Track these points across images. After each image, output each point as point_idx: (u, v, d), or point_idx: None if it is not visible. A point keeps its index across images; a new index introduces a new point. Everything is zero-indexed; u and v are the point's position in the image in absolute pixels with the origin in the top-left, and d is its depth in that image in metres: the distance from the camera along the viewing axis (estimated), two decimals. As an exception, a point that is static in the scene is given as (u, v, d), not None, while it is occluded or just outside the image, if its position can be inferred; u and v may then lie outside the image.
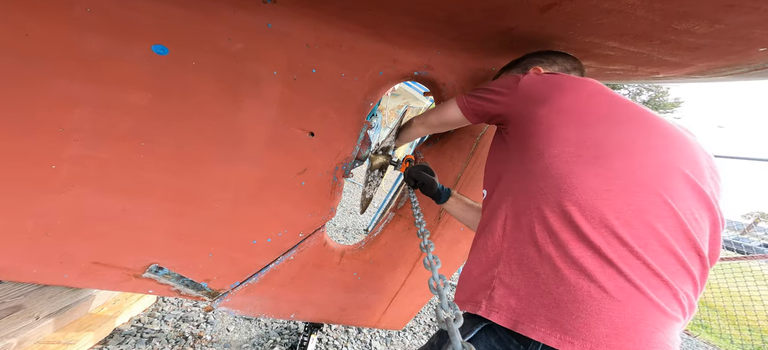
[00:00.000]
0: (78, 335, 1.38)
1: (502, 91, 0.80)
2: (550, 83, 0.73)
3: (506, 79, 0.81)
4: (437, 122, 1.01)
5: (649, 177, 0.57)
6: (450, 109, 0.93)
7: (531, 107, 0.72)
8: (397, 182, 3.47)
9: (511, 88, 0.78)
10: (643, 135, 0.61)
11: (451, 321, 0.45)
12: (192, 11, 0.81)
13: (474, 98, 0.86)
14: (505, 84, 0.80)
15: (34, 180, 0.86)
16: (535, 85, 0.74)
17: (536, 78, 0.76)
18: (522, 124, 0.73)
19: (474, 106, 0.86)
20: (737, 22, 0.68)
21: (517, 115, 0.75)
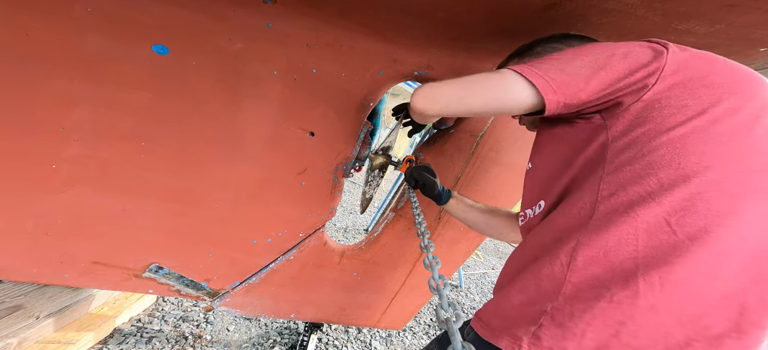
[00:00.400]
0: (78, 335, 1.38)
1: (631, 62, 0.54)
2: (714, 64, 0.53)
3: (632, 46, 0.56)
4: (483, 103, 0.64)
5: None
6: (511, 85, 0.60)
7: (682, 92, 0.51)
8: (397, 182, 3.47)
9: (649, 59, 0.53)
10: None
11: (451, 321, 0.45)
12: (192, 11, 0.81)
13: (563, 73, 0.57)
14: (634, 53, 0.55)
15: (35, 180, 0.86)
16: (690, 61, 0.53)
17: (688, 52, 0.55)
18: (651, 114, 0.52)
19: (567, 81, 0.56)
20: (738, 22, 0.68)
21: (650, 99, 0.53)
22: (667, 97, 0.52)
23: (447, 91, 0.70)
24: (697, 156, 0.48)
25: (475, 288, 3.33)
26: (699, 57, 0.54)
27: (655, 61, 0.53)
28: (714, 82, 0.50)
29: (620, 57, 0.55)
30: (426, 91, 0.72)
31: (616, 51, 0.56)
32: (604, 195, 0.53)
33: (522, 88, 0.59)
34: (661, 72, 0.52)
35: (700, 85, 0.51)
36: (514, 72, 0.60)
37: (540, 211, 0.66)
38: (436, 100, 0.70)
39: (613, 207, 0.51)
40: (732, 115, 0.48)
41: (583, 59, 0.57)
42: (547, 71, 0.57)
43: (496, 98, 0.63)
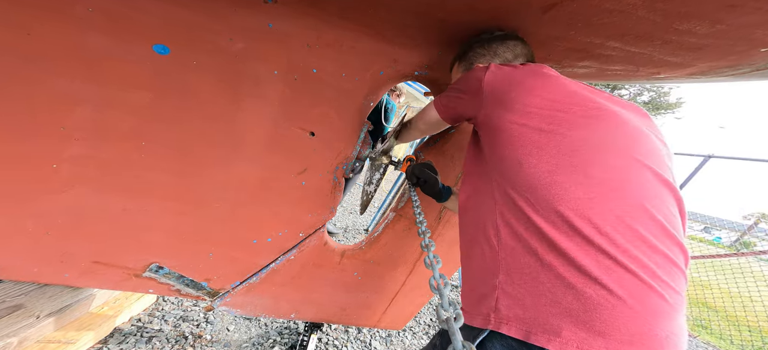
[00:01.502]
0: (78, 334, 1.38)
1: (466, 91, 0.78)
2: (512, 83, 0.70)
3: (470, 77, 0.78)
4: (423, 126, 1.01)
5: (623, 182, 0.57)
6: (429, 110, 0.93)
7: (499, 112, 0.70)
8: (397, 182, 3.47)
9: (475, 90, 0.75)
10: (610, 134, 0.61)
11: (451, 320, 0.45)
12: (193, 11, 0.81)
13: (446, 98, 0.85)
14: (469, 84, 0.77)
15: (35, 180, 0.86)
16: (499, 86, 0.72)
17: (498, 77, 0.72)
18: (493, 130, 0.71)
19: (446, 106, 0.86)
20: (739, 22, 0.68)
21: (486, 119, 0.73)
22: (491, 115, 0.71)
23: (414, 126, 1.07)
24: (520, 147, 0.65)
25: (475, 289, 3.32)
26: (506, 75, 0.72)
27: (477, 93, 0.74)
28: (513, 97, 0.69)
29: (463, 92, 0.80)
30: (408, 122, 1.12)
31: (462, 85, 0.80)
32: (496, 186, 0.68)
33: (433, 112, 0.92)
34: (483, 103, 0.73)
35: (507, 100, 0.69)
36: (432, 103, 0.93)
37: (464, 199, 0.81)
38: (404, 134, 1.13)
39: (504, 192, 0.66)
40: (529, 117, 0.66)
41: (453, 90, 0.83)
42: (442, 100, 0.88)
43: (426, 121, 0.99)
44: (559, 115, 0.64)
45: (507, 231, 0.64)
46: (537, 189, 0.60)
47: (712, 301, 4.60)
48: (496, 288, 0.62)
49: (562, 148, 0.61)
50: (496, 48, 0.86)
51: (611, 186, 0.57)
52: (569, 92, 0.66)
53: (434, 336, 0.88)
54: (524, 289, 0.59)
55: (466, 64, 0.91)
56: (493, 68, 0.73)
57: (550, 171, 0.60)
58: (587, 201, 0.56)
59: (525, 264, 0.60)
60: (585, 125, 0.62)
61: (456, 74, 0.96)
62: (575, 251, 0.55)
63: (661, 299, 0.52)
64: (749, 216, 43.56)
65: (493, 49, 0.86)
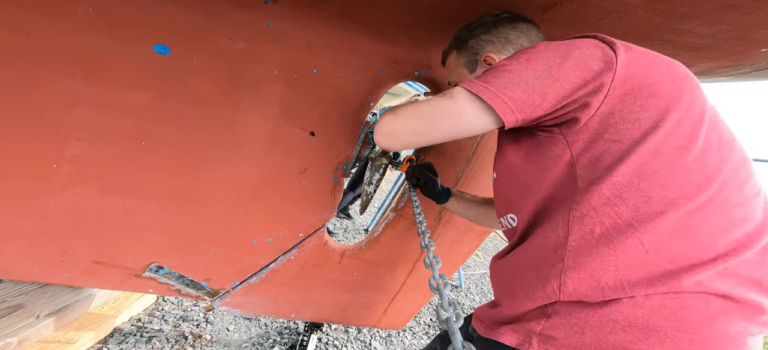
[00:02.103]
0: (78, 334, 1.38)
1: (581, 73, 0.53)
2: (662, 69, 0.54)
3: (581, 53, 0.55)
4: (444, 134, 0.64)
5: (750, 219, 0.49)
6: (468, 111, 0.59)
7: (633, 105, 0.52)
8: (397, 182, 3.47)
9: (599, 69, 0.53)
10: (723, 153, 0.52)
11: (451, 320, 0.45)
12: (193, 11, 0.81)
13: (518, 88, 0.55)
14: (583, 61, 0.54)
15: (36, 179, 0.86)
16: (641, 68, 0.53)
17: (638, 55, 0.55)
18: (608, 128, 0.53)
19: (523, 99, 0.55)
20: (739, 22, 0.68)
21: (604, 112, 0.53)
22: (619, 109, 0.52)
23: (405, 126, 0.66)
24: (651, 174, 0.50)
25: (475, 289, 3.33)
26: (642, 59, 0.54)
27: (607, 71, 0.52)
28: (660, 90, 0.51)
29: (572, 66, 0.54)
30: (385, 128, 0.68)
31: (567, 57, 0.55)
32: (576, 216, 0.53)
33: (476, 110, 0.58)
34: (612, 82, 0.52)
35: (648, 94, 0.51)
36: (468, 92, 0.58)
37: (515, 225, 0.66)
38: (398, 137, 0.67)
39: (588, 229, 0.52)
40: (679, 127, 0.50)
41: (536, 68, 0.55)
42: (503, 88, 0.55)
43: (454, 127, 0.61)
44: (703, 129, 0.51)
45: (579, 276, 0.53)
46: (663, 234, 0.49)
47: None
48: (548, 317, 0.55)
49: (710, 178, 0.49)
50: (507, 33, 0.72)
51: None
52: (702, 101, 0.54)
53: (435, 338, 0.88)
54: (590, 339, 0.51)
55: (469, 54, 0.76)
56: (621, 45, 0.55)
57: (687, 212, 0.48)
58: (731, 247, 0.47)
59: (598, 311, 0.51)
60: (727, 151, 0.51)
61: (455, 67, 0.80)
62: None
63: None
64: (749, 216, 43.28)
65: (503, 34, 0.72)
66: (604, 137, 0.52)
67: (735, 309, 0.46)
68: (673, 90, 0.52)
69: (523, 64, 0.56)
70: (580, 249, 0.52)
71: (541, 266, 0.57)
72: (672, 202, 0.48)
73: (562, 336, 0.53)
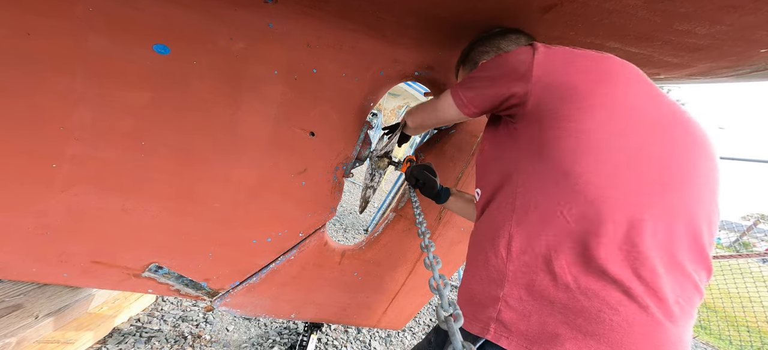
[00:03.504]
0: (77, 334, 1.38)
1: (508, 74, 0.66)
2: (575, 67, 0.61)
3: (509, 57, 0.67)
4: (434, 121, 0.92)
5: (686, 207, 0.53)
6: (444, 105, 0.81)
7: (553, 100, 0.60)
8: (397, 182, 3.47)
9: (522, 72, 0.64)
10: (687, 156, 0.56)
11: (451, 320, 0.45)
12: (193, 11, 0.81)
13: (471, 89, 0.73)
14: (512, 65, 0.66)
15: (35, 179, 0.85)
16: (556, 68, 0.61)
17: (556, 57, 0.63)
18: (539, 119, 0.61)
19: (473, 99, 0.73)
20: (739, 23, 0.68)
21: (533, 107, 0.62)
22: (541, 101, 0.61)
23: (415, 116, 0.99)
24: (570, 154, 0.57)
25: (475, 289, 3.32)
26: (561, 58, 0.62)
27: (526, 73, 0.63)
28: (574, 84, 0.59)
29: (502, 71, 0.67)
30: (409, 116, 1.02)
31: (501, 64, 0.68)
32: (520, 192, 0.62)
33: (450, 106, 0.79)
34: (531, 82, 0.62)
35: (566, 89, 0.59)
36: (448, 93, 0.80)
37: (478, 199, 0.76)
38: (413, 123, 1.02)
39: (527, 202, 0.61)
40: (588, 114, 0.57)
41: (484, 74, 0.71)
42: (463, 88, 0.75)
43: (440, 118, 0.87)
44: (630, 113, 0.56)
45: (522, 244, 0.60)
46: (578, 206, 0.55)
47: (711, 302, 4.61)
48: (499, 300, 0.60)
49: (625, 158, 0.54)
50: (498, 43, 0.83)
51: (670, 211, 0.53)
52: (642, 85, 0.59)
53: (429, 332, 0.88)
54: (531, 306, 0.57)
55: (470, 65, 0.88)
56: (542, 47, 0.64)
57: (602, 185, 0.54)
58: (638, 224, 0.52)
59: (537, 281, 0.57)
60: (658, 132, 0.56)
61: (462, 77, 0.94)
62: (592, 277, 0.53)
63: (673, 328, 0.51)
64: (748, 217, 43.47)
65: (495, 44, 0.83)
66: (540, 125, 0.61)
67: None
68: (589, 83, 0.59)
69: (479, 71, 0.74)
70: (520, 220, 0.61)
71: (494, 237, 0.65)
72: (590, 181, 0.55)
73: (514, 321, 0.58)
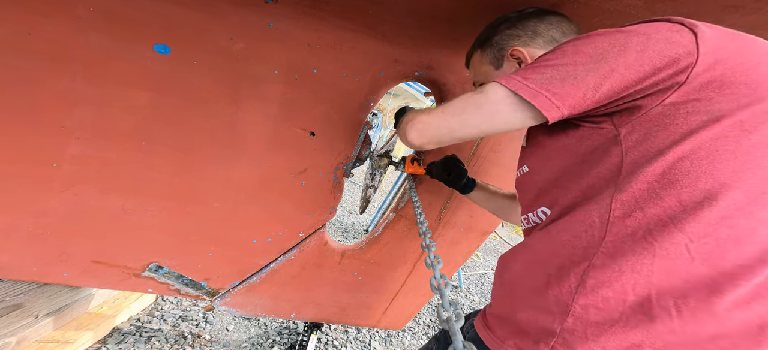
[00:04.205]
0: (77, 334, 1.38)
1: (655, 57, 0.45)
2: (752, 53, 0.44)
3: (657, 36, 0.47)
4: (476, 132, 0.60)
5: None
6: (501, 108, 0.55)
7: (714, 95, 0.43)
8: (397, 182, 3.47)
9: (677, 55, 0.44)
10: None
11: (452, 320, 0.45)
12: (194, 10, 0.81)
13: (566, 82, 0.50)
14: (656, 48, 0.46)
15: (35, 179, 0.85)
16: (727, 53, 0.44)
17: (724, 36, 0.45)
18: (672, 122, 0.45)
19: (570, 91, 0.49)
20: (740, 23, 0.68)
21: (672, 105, 0.45)
22: (696, 98, 0.43)
23: (437, 124, 0.64)
24: (725, 173, 0.41)
25: (475, 289, 3.33)
26: (733, 42, 0.45)
27: (686, 57, 0.44)
28: (751, 79, 0.42)
29: (636, 53, 0.46)
30: (418, 126, 0.66)
31: (628, 44, 0.47)
32: (618, 216, 0.47)
33: (514, 107, 0.54)
34: (693, 69, 0.43)
35: (736, 82, 0.42)
36: (504, 88, 0.54)
37: (544, 220, 0.60)
38: (431, 136, 0.66)
39: (629, 231, 0.46)
40: (765, 120, 0.41)
41: (586, 59, 0.49)
42: (545, 84, 0.51)
43: (488, 123, 0.58)
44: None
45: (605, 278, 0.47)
46: (725, 245, 0.42)
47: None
48: (556, 336, 0.50)
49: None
50: (535, 26, 0.67)
51: None
52: None
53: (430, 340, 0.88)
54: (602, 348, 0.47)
55: (494, 51, 0.72)
56: (703, 25, 0.46)
57: (760, 220, 0.41)
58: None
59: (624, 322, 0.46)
60: None
61: (480, 66, 0.76)
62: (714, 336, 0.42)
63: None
64: (748, 217, 43.35)
65: (530, 26, 0.67)
66: (668, 125, 0.45)
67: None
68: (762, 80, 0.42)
69: (570, 57, 0.51)
70: (614, 251, 0.47)
71: (564, 264, 0.52)
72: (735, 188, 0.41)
73: None
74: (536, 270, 0.56)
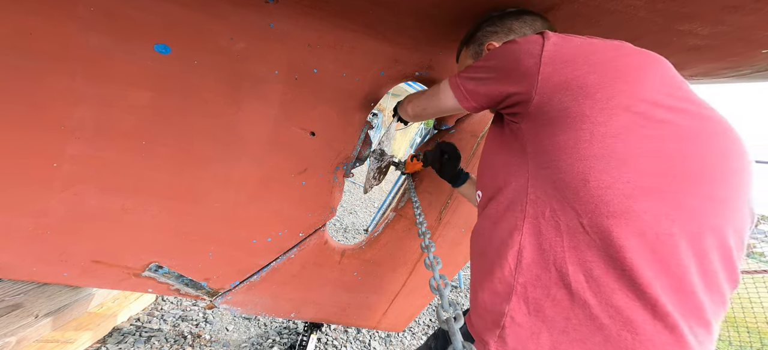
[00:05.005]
0: (77, 334, 1.38)
1: (513, 69, 0.58)
2: (592, 61, 0.52)
3: (515, 49, 0.59)
4: (434, 110, 0.85)
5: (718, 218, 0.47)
6: (444, 94, 0.74)
7: (563, 97, 0.52)
8: (397, 182, 3.47)
9: (528, 65, 0.56)
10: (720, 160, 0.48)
11: (451, 320, 0.45)
12: (194, 10, 0.81)
13: (472, 81, 0.66)
14: (515, 57, 0.58)
15: (36, 178, 0.85)
16: (570, 62, 0.53)
17: (569, 49, 0.54)
18: (548, 119, 0.54)
19: (473, 92, 0.66)
20: (740, 23, 0.68)
21: (540, 105, 0.55)
22: (550, 99, 0.54)
23: (413, 104, 0.94)
24: (590, 160, 0.50)
25: (475, 289, 3.33)
26: (577, 50, 0.54)
27: (533, 67, 0.55)
28: (589, 82, 0.51)
29: (507, 63, 0.60)
30: (404, 102, 0.98)
31: (505, 55, 0.61)
32: (532, 199, 0.56)
33: (450, 97, 0.72)
34: (539, 77, 0.54)
35: (577, 85, 0.52)
36: (447, 81, 0.73)
37: (479, 201, 0.71)
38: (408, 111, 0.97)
39: (540, 211, 0.54)
40: (609, 116, 0.50)
41: (488, 65, 0.64)
42: (464, 80, 0.68)
43: (439, 107, 0.80)
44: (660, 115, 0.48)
45: (534, 255, 0.54)
46: (599, 216, 0.48)
47: (711, 303, 4.60)
48: (504, 316, 0.55)
49: (653, 166, 0.47)
50: (510, 24, 0.75)
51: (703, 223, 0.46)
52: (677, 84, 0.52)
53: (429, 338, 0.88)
54: (542, 324, 0.52)
55: (475, 46, 0.80)
56: (554, 38, 0.55)
57: (627, 193, 0.47)
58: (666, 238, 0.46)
59: (551, 296, 0.52)
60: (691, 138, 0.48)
61: (464, 60, 0.85)
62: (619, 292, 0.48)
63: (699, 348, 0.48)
64: (748, 218, 43.42)
65: (507, 25, 0.75)
66: (552, 127, 0.54)
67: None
68: (608, 80, 0.51)
69: (483, 60, 0.66)
70: (533, 230, 0.55)
71: (500, 247, 0.59)
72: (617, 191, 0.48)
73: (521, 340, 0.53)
74: (484, 253, 0.64)
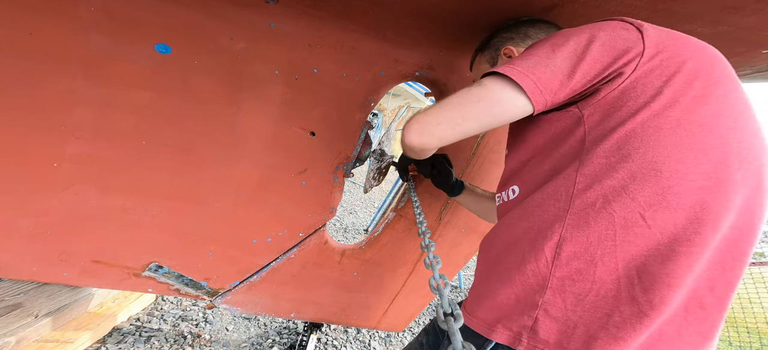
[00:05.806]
0: (76, 333, 1.38)
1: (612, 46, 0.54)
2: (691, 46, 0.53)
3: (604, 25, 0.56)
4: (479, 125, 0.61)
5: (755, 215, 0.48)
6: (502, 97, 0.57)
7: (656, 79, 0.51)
8: (397, 182, 3.47)
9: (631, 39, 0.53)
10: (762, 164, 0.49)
11: (451, 320, 0.45)
12: (194, 10, 0.81)
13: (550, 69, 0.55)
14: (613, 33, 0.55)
15: (36, 178, 0.85)
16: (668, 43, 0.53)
17: (660, 30, 0.54)
18: (623, 102, 0.52)
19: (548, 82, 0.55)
20: (741, 24, 0.68)
21: (627, 87, 0.53)
22: (642, 83, 0.52)
23: (437, 120, 0.62)
24: (668, 148, 0.48)
25: (475, 290, 3.32)
26: (672, 38, 0.54)
27: (634, 48, 0.52)
28: (687, 68, 0.51)
29: (599, 46, 0.54)
30: (416, 125, 0.64)
31: (593, 38, 0.55)
32: (581, 189, 0.53)
33: (508, 92, 0.56)
34: (640, 59, 0.52)
35: (674, 70, 0.51)
36: (496, 75, 0.57)
37: (514, 197, 0.66)
38: (433, 133, 0.63)
39: (590, 201, 0.52)
40: (701, 103, 0.49)
41: (562, 51, 0.56)
42: (531, 68, 0.55)
43: (488, 113, 0.59)
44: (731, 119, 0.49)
45: (576, 249, 0.52)
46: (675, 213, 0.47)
47: (711, 303, 4.59)
48: (538, 308, 0.54)
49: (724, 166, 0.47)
50: (526, 30, 0.76)
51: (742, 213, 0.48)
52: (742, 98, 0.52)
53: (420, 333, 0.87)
54: (580, 317, 0.51)
55: (491, 51, 0.81)
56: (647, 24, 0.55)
57: (707, 188, 0.47)
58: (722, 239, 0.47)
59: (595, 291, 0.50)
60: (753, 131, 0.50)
61: (480, 66, 0.84)
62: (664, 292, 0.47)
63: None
64: (748, 218, 43.28)
65: (522, 31, 0.76)
66: (621, 107, 0.52)
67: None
68: (700, 68, 0.51)
69: (548, 49, 0.57)
70: (579, 222, 0.52)
71: (536, 238, 0.56)
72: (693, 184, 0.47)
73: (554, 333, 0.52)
74: (514, 246, 0.60)
